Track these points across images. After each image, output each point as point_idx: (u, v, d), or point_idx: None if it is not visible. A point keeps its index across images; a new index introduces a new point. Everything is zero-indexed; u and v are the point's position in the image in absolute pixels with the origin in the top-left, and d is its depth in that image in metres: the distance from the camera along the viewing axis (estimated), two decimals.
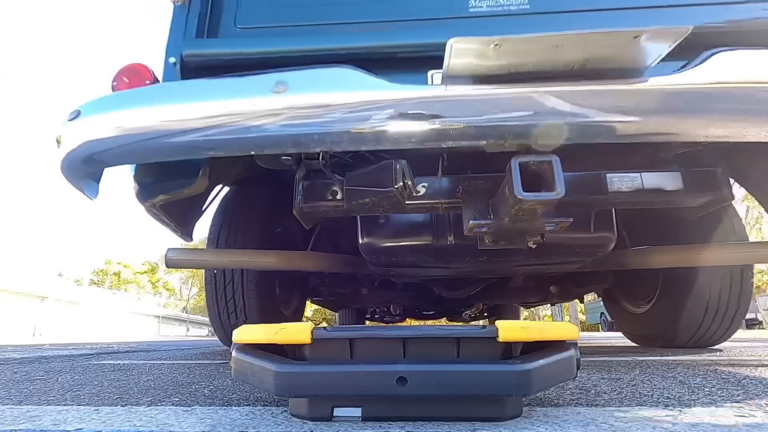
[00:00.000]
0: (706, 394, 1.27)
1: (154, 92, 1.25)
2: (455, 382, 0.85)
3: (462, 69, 1.01)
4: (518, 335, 0.90)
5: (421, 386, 0.84)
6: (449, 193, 1.41)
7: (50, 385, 1.64)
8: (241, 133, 1.06)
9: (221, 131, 1.07)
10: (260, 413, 1.05)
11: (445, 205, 1.43)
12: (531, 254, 1.62)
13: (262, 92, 1.06)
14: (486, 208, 1.36)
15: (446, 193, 1.42)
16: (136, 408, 1.16)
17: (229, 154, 1.15)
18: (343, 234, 1.90)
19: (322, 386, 0.88)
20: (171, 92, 1.20)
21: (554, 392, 1.32)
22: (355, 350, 0.95)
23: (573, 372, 0.94)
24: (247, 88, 1.10)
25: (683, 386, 1.41)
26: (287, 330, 0.93)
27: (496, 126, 1.04)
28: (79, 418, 1.03)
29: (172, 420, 1.00)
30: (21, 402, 1.28)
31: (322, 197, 1.44)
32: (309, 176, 1.45)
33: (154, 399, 1.31)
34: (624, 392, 1.32)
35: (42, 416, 1.06)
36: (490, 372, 0.85)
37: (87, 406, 1.19)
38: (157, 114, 1.11)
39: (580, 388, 1.41)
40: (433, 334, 0.96)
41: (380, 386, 0.85)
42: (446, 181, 1.43)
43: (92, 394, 1.41)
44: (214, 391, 1.44)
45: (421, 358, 0.92)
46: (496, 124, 1.04)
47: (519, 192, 1.10)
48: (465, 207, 1.40)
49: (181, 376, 1.90)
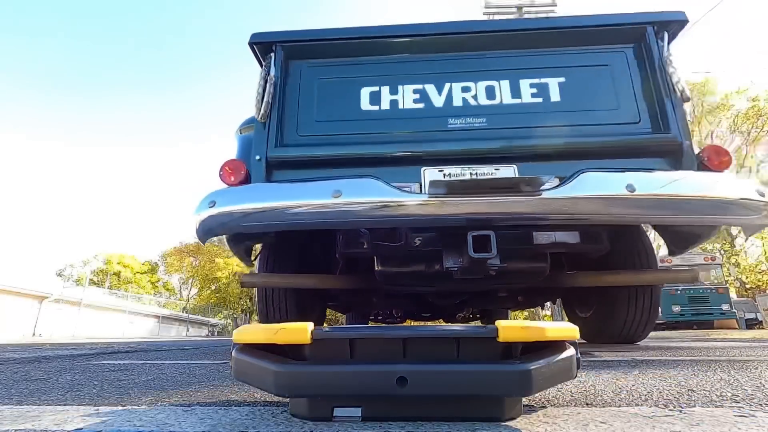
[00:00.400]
0: (706, 394, 1.27)
1: (262, 190, 1.97)
2: (455, 382, 0.84)
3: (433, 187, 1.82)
4: (518, 335, 0.89)
5: (421, 386, 0.84)
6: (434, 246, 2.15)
7: (50, 385, 1.64)
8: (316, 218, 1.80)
9: (304, 216, 1.80)
10: (260, 413, 1.05)
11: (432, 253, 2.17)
12: (490, 278, 2.26)
13: (326, 196, 1.78)
14: (457, 257, 2.07)
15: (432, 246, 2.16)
16: (136, 408, 1.16)
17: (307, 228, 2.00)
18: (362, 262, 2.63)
19: (322, 386, 0.87)
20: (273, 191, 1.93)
21: (554, 392, 1.32)
22: (355, 350, 0.94)
23: (573, 372, 0.94)
24: (318, 192, 1.81)
25: (683, 386, 1.41)
26: (287, 330, 0.92)
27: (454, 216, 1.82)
28: (79, 418, 1.03)
29: (172, 420, 0.99)
30: (21, 402, 1.28)
31: (355, 246, 2.21)
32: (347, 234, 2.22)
33: (154, 399, 1.31)
34: (623, 392, 1.32)
35: (42, 416, 1.06)
36: (490, 372, 0.85)
37: (87, 406, 1.19)
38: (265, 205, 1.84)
39: (579, 388, 1.41)
40: (433, 334, 0.95)
41: (380, 386, 0.85)
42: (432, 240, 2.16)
43: (92, 394, 1.41)
44: (214, 391, 1.44)
45: (421, 358, 0.91)
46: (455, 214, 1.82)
47: (471, 252, 1.85)
48: (444, 255, 2.11)
49: (181, 376, 1.90)
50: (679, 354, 2.87)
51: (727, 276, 14.83)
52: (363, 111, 2.14)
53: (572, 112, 2.09)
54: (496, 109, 2.11)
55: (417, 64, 2.21)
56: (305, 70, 2.24)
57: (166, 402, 1.25)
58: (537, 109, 2.10)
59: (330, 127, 2.15)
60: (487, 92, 2.11)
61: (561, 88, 2.12)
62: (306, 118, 2.16)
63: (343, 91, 2.19)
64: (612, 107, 2.09)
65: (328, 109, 2.18)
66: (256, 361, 0.91)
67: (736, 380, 1.53)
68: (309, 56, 2.26)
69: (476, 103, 2.12)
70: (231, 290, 35.80)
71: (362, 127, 2.12)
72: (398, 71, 2.20)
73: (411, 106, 2.14)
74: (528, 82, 2.12)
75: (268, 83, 2.10)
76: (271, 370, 0.87)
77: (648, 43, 2.11)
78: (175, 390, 1.49)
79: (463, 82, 2.13)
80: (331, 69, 2.25)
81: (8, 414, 1.09)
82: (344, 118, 2.16)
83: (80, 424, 0.96)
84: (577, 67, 2.16)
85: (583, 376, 1.68)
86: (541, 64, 2.18)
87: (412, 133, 2.09)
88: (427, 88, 2.13)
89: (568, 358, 0.92)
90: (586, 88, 2.13)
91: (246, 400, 1.25)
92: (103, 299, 23.70)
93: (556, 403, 1.16)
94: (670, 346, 4.02)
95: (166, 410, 1.12)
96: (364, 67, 2.23)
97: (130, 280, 43.35)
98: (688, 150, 1.95)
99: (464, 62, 2.19)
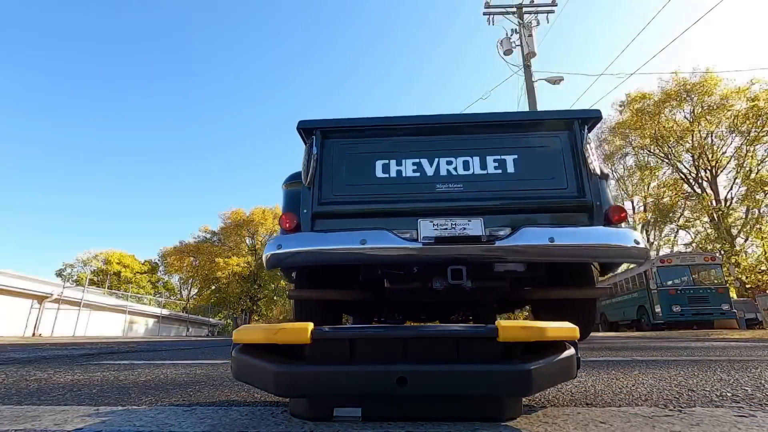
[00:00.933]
0: (706, 394, 1.26)
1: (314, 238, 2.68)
2: (455, 382, 0.84)
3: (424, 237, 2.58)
4: (518, 335, 0.89)
5: (421, 386, 0.84)
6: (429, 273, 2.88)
7: (50, 385, 1.64)
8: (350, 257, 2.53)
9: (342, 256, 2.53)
10: (260, 413, 1.05)
11: (424, 277, 2.88)
12: (468, 293, 2.96)
13: (356, 242, 2.50)
14: (442, 281, 2.75)
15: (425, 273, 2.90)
16: (136, 408, 1.16)
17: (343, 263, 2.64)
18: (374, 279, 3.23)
19: (322, 386, 0.87)
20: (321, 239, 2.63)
21: (554, 392, 1.32)
22: (355, 350, 0.93)
23: (573, 372, 0.94)
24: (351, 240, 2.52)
25: (683, 386, 1.41)
26: (287, 330, 0.92)
27: (438, 257, 2.56)
28: (79, 418, 1.03)
29: (172, 420, 0.99)
30: (21, 402, 1.28)
31: (374, 272, 3.01)
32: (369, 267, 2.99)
33: (154, 399, 1.30)
34: (623, 392, 1.32)
35: (42, 416, 1.06)
36: (490, 372, 0.84)
37: (87, 406, 1.19)
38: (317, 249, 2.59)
39: (579, 388, 1.41)
40: (434, 334, 0.95)
41: (380, 386, 0.85)
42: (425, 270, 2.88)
43: (92, 394, 1.41)
44: (214, 392, 1.44)
45: (421, 358, 0.91)
46: (438, 256, 2.56)
47: (449, 280, 2.63)
48: (433, 279, 2.82)
49: (181, 377, 1.89)
50: (679, 354, 2.87)
51: (727, 276, 14.79)
52: (377, 177, 2.93)
53: (522, 180, 2.83)
54: (470, 177, 2.87)
55: (415, 144, 2.99)
56: (336, 147, 3.01)
57: (166, 402, 1.25)
58: (498, 178, 2.86)
59: (355, 189, 2.90)
60: (464, 165, 2.90)
61: (515, 163, 2.88)
62: (338, 183, 2.93)
63: (363, 162, 2.96)
64: (550, 177, 2.83)
65: (352, 176, 2.95)
66: (256, 361, 0.91)
67: (736, 380, 1.53)
68: (339, 137, 3.05)
69: (456, 173, 2.90)
70: (231, 290, 35.77)
71: (377, 189, 2.90)
72: (401, 149, 2.98)
73: (410, 174, 2.91)
74: (492, 158, 2.91)
75: (312, 159, 2.89)
76: (271, 370, 0.87)
77: (574, 132, 2.88)
78: (176, 390, 1.49)
79: (447, 158, 2.92)
80: (355, 146, 3.02)
81: (8, 414, 1.09)
82: (364, 183, 2.93)
83: (80, 424, 0.96)
84: (526, 148, 2.92)
85: (583, 376, 1.67)
86: (501, 144, 2.94)
87: (411, 194, 2.85)
88: (422, 162, 2.93)
89: (568, 358, 0.92)
90: (532, 163, 2.87)
91: (246, 401, 1.25)
92: (103, 299, 23.67)
93: (556, 403, 1.16)
94: (670, 346, 4.02)
95: (167, 410, 1.12)
96: (377, 145, 3.02)
97: (130, 280, 43.33)
98: (598, 209, 2.74)
99: (448, 143, 2.97)
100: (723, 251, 21.09)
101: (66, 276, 43.18)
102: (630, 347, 3.86)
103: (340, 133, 3.03)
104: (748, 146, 22.16)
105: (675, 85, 24.21)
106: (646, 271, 14.70)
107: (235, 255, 36.50)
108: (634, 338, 6.58)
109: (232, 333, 1.01)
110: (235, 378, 0.97)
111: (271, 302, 39.28)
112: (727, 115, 22.63)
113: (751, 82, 22.05)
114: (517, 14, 13.21)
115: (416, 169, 2.89)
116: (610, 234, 2.56)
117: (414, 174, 2.88)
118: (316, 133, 2.97)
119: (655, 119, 24.60)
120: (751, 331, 8.87)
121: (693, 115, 24.15)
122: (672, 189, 25.64)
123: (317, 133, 2.97)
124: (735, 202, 23.16)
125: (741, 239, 22.94)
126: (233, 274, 35.46)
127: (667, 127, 24.50)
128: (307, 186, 2.85)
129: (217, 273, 35.00)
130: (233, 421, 0.97)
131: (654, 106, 24.88)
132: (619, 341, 5.47)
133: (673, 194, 25.51)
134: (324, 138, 3.00)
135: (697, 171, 24.94)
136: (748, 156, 22.20)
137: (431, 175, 2.87)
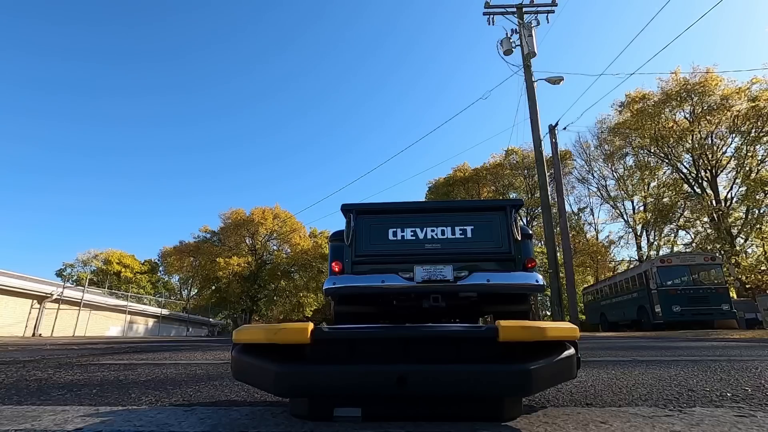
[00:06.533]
0: (706, 394, 1.26)
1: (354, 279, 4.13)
2: (455, 382, 0.83)
3: (417, 278, 4.09)
4: (518, 335, 0.88)
5: (421, 386, 0.83)
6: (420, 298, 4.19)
7: (50, 385, 1.64)
8: (374, 290, 4.06)
9: (370, 289, 4.06)
10: (260, 413, 1.05)
11: (419, 299, 4.20)
12: (443, 309, 4.49)
13: (378, 282, 4.03)
14: (428, 301, 4.14)
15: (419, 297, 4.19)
16: (136, 408, 1.16)
17: (370, 293, 4.14)
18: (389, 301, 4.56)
19: (322, 386, 0.86)
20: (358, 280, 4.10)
21: (554, 392, 1.32)
22: (356, 350, 0.93)
23: (573, 372, 0.94)
24: (375, 281, 4.03)
25: (683, 386, 1.41)
26: (287, 330, 0.91)
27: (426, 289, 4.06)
28: (79, 418, 1.03)
29: (172, 420, 0.99)
30: (21, 402, 1.28)
31: (388, 297, 4.32)
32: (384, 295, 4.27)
33: (154, 399, 1.30)
34: (623, 392, 1.32)
35: (42, 416, 1.06)
36: (490, 372, 0.84)
37: (87, 406, 1.19)
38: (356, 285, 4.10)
39: (579, 388, 1.41)
40: (434, 334, 0.94)
41: (380, 386, 0.84)
42: (418, 295, 4.18)
43: (92, 394, 1.41)
44: (215, 392, 1.44)
45: (421, 358, 0.91)
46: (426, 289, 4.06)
47: (431, 303, 4.17)
48: (423, 301, 4.18)
49: (181, 376, 1.89)
50: (679, 354, 2.87)
51: (727, 276, 14.78)
52: (390, 240, 4.28)
53: (476, 242, 4.23)
54: (445, 240, 4.26)
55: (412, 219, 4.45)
56: (364, 220, 4.42)
57: (166, 402, 1.25)
58: (461, 240, 4.25)
59: (376, 247, 4.26)
60: (441, 232, 4.35)
61: (471, 231, 4.33)
62: (366, 243, 4.31)
63: (381, 230, 4.36)
64: (492, 240, 4.23)
65: (374, 239, 4.32)
66: (256, 361, 0.90)
67: (736, 380, 1.53)
68: (366, 214, 4.47)
69: (437, 237, 4.30)
70: (231, 290, 35.74)
71: (389, 247, 4.24)
72: (404, 222, 4.42)
73: (409, 238, 4.32)
74: (458, 227, 4.37)
75: (350, 228, 4.31)
76: (271, 370, 0.87)
77: (507, 212, 4.32)
78: (176, 390, 1.49)
79: (431, 227, 4.37)
80: (376, 219, 4.42)
81: (8, 414, 1.09)
82: (381, 243, 4.28)
83: (80, 424, 0.96)
84: (478, 221, 4.36)
85: (583, 376, 1.67)
86: (463, 220, 4.40)
87: (410, 251, 4.23)
88: (416, 230, 4.39)
89: (568, 358, 0.91)
90: (482, 231, 4.33)
91: (246, 401, 1.25)
92: (103, 299, 23.67)
93: (556, 403, 1.16)
94: (670, 346, 4.02)
95: (167, 410, 1.12)
96: (389, 220, 4.40)
97: (130, 280, 43.33)
98: (519, 260, 4.16)
99: (432, 218, 4.43)
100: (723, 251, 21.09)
101: (66, 276, 43.21)
102: (630, 347, 3.86)
103: (367, 213, 4.49)
104: (748, 146, 22.15)
105: (675, 85, 24.21)
106: (646, 271, 14.70)
107: (236, 255, 36.49)
108: (634, 338, 6.58)
109: (232, 333, 1.01)
110: (235, 378, 0.97)
111: (271, 302, 39.24)
112: (727, 115, 22.62)
113: (751, 82, 22.04)
114: (517, 14, 13.22)
115: (413, 234, 4.38)
116: (523, 276, 4.05)
117: (411, 237, 4.34)
118: (353, 212, 4.42)
119: (655, 119, 24.59)
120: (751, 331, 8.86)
121: (693, 115, 24.14)
122: (672, 189, 25.63)
123: (354, 212, 4.43)
124: (735, 202, 23.16)
125: (741, 239, 22.93)
126: (233, 274, 35.43)
127: (667, 127, 24.49)
128: (348, 244, 4.32)
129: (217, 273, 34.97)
130: (233, 421, 0.97)
131: (654, 106, 24.87)
132: (619, 341, 5.48)
133: (673, 194, 25.50)
134: (357, 215, 4.50)
135: (697, 171, 24.92)
136: (748, 156, 22.19)
137: (422, 238, 4.31)
